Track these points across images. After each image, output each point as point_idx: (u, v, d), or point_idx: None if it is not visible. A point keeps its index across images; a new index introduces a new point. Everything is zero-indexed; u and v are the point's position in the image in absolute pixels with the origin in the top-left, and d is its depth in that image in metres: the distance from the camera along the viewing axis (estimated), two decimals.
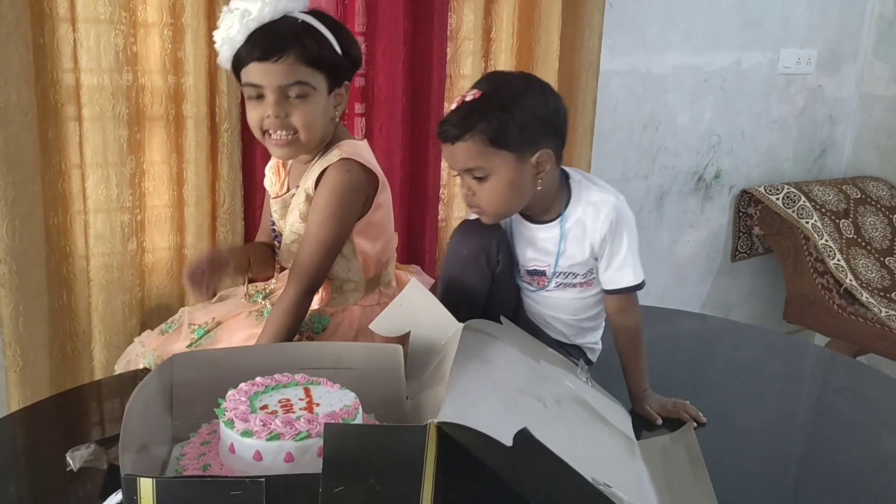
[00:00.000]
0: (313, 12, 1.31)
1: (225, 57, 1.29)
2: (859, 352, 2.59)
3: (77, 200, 1.60)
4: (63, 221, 1.60)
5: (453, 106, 1.21)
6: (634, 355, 1.29)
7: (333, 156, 1.31)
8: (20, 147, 1.47)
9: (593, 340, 1.41)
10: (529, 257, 1.32)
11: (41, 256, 1.56)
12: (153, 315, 1.72)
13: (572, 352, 1.38)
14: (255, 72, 1.25)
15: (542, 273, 1.32)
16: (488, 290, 1.32)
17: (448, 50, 1.96)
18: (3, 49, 1.42)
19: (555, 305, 1.35)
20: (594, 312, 1.36)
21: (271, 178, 1.46)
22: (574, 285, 1.32)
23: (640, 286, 1.29)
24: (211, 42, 1.61)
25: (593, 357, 1.42)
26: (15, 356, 1.54)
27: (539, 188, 1.24)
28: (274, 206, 1.44)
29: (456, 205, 2.07)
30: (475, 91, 1.20)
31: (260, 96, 1.26)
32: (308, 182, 1.33)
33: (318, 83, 1.28)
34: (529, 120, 1.19)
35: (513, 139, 1.19)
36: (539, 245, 1.31)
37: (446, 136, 1.21)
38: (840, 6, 2.88)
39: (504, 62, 2.05)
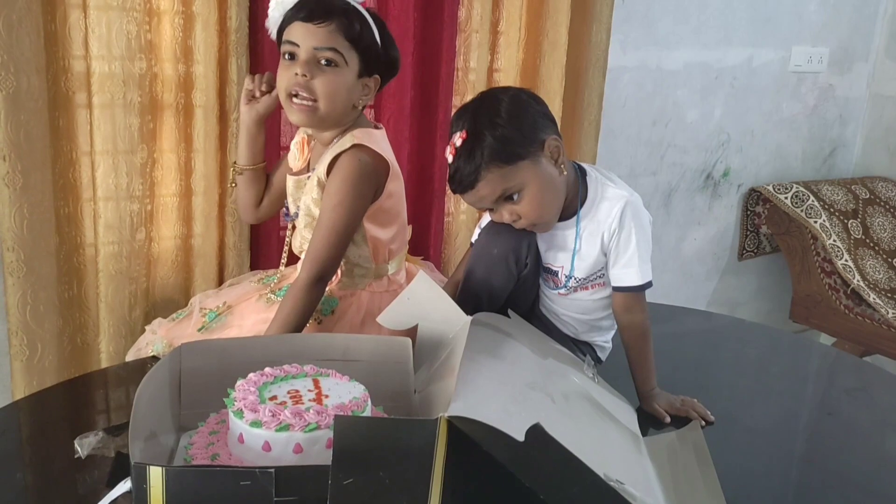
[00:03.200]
0: (366, 8, 1.36)
1: (274, 17, 1.33)
2: (865, 352, 2.58)
3: (87, 189, 1.60)
4: (74, 211, 1.60)
5: (450, 157, 1.21)
6: (641, 353, 1.29)
7: (346, 142, 1.33)
8: (30, 134, 1.47)
9: (604, 339, 1.42)
10: (546, 254, 1.33)
11: (51, 246, 1.55)
12: (158, 306, 1.72)
13: (582, 348, 1.38)
14: (296, 30, 1.29)
15: (555, 273, 1.33)
16: (512, 291, 1.32)
17: (456, 43, 1.95)
18: (14, 35, 1.41)
19: (569, 305, 1.36)
20: (608, 313, 1.36)
21: (295, 153, 1.47)
22: (587, 287, 1.32)
23: (645, 287, 1.28)
24: (222, 31, 1.62)
25: (602, 355, 1.42)
26: (21, 345, 1.54)
27: (565, 173, 1.25)
28: (289, 184, 1.45)
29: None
30: (459, 133, 1.20)
31: (294, 56, 1.30)
32: (321, 168, 1.34)
33: (350, 59, 1.31)
34: (520, 121, 1.20)
35: (519, 146, 1.20)
36: (556, 242, 1.31)
37: (464, 186, 1.22)
38: (853, 5, 2.86)
39: (511, 56, 2.04)
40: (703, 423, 1.23)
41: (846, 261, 2.59)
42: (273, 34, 1.36)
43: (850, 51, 2.93)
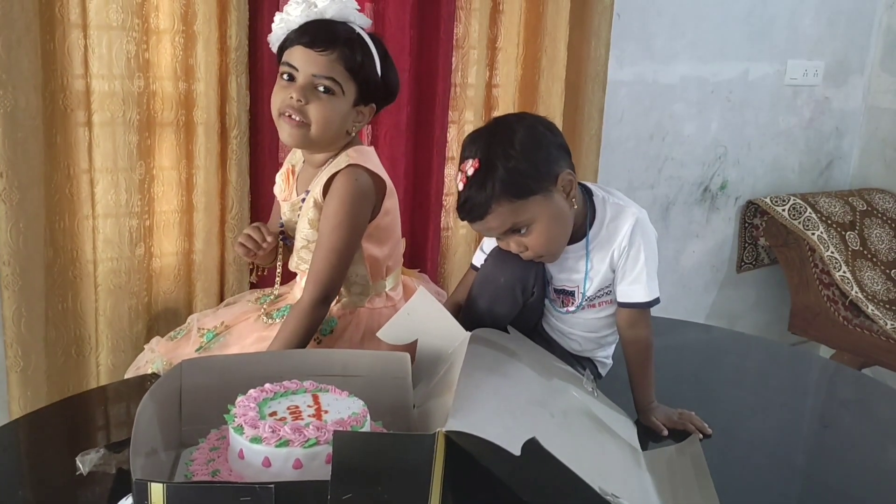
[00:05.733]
0: (370, 34, 1.36)
1: (277, 35, 1.34)
2: (864, 364, 2.58)
3: (85, 205, 1.61)
4: (70, 225, 1.61)
5: (460, 185, 1.19)
6: (642, 368, 1.29)
7: (341, 161, 1.33)
8: (26, 151, 1.48)
9: (605, 355, 1.42)
10: (558, 277, 1.33)
11: (46, 260, 1.57)
12: (159, 319, 1.73)
13: (583, 363, 1.38)
14: (297, 53, 1.29)
15: (571, 294, 1.33)
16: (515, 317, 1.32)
17: (453, 59, 1.97)
18: (12, 54, 1.43)
19: (575, 323, 1.36)
20: (612, 330, 1.37)
21: (280, 184, 1.48)
22: (594, 305, 1.33)
23: (652, 303, 1.29)
24: (222, 49, 1.63)
25: (603, 371, 1.43)
26: (16, 357, 1.55)
27: (576, 207, 1.24)
28: (284, 208, 1.46)
29: None
30: (472, 161, 1.18)
31: (292, 78, 1.30)
32: (317, 189, 1.34)
33: (347, 89, 1.31)
34: (535, 154, 1.18)
35: (533, 181, 1.18)
36: (567, 265, 1.31)
37: (473, 216, 1.20)
38: (848, 18, 2.88)
39: (509, 72, 2.06)
40: (701, 436, 1.23)
41: (844, 272, 2.59)
42: (274, 49, 1.36)
43: (846, 64, 2.95)
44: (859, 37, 2.95)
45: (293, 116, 1.29)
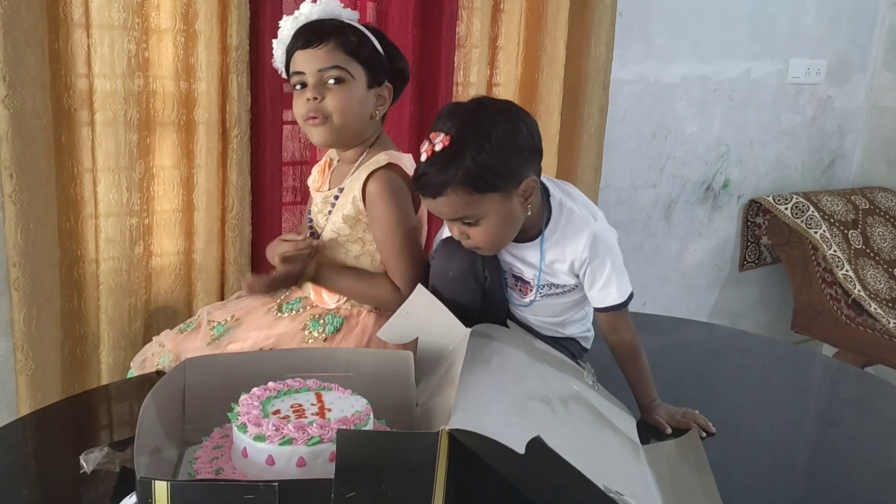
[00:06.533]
0: (364, 24, 1.38)
1: (279, 56, 1.37)
2: (867, 363, 2.58)
3: (88, 204, 1.61)
4: (75, 225, 1.61)
5: (423, 156, 1.15)
6: (635, 369, 1.29)
7: (381, 159, 1.34)
8: (34, 151, 1.48)
9: (583, 329, 1.41)
10: (514, 265, 1.32)
11: (54, 260, 1.57)
12: (158, 316, 1.73)
13: (566, 344, 1.38)
14: (299, 59, 1.33)
15: (527, 283, 1.32)
16: (482, 302, 1.31)
17: (455, 58, 1.97)
18: (20, 54, 1.43)
19: (538, 311, 1.36)
20: (577, 308, 1.36)
21: (315, 175, 1.50)
22: (556, 294, 1.33)
23: (626, 303, 1.27)
24: (223, 48, 1.64)
25: (587, 344, 1.43)
26: (27, 359, 1.55)
27: (530, 213, 1.22)
28: (316, 200, 1.46)
29: None
30: (442, 136, 1.13)
31: (304, 85, 1.33)
32: (356, 186, 1.34)
33: (356, 72, 1.33)
34: (507, 154, 1.14)
35: (496, 179, 1.14)
36: (521, 257, 1.30)
37: (425, 193, 1.17)
38: (850, 17, 2.88)
39: (510, 70, 2.06)
40: (705, 434, 1.23)
41: (847, 271, 2.59)
42: (283, 72, 1.39)
43: (848, 62, 2.94)
44: (862, 35, 2.95)
45: (314, 116, 1.32)
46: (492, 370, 1.08)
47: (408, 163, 1.37)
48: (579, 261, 1.25)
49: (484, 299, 1.31)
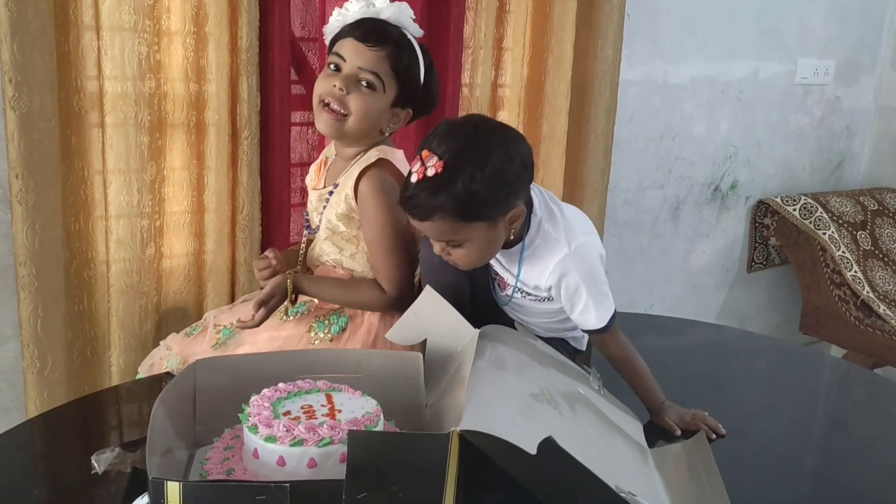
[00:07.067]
0: (420, 44, 1.39)
1: (332, 27, 1.36)
2: (876, 364, 2.57)
3: (99, 206, 1.62)
4: (85, 226, 1.62)
5: (414, 177, 1.13)
6: (633, 376, 1.28)
7: (372, 155, 1.35)
8: (42, 153, 1.49)
9: (576, 333, 1.42)
10: (493, 265, 1.33)
11: (60, 261, 1.58)
12: (168, 318, 1.74)
13: (557, 345, 1.38)
14: (347, 45, 1.32)
15: (505, 280, 1.33)
16: (470, 287, 1.33)
17: (462, 59, 1.97)
18: (27, 57, 1.44)
19: (526, 312, 1.36)
20: (556, 315, 1.35)
21: (312, 173, 1.50)
22: (534, 301, 1.33)
23: (607, 327, 1.25)
24: (233, 50, 1.64)
25: (578, 345, 1.43)
26: (33, 358, 1.56)
27: (513, 237, 1.22)
28: (312, 197, 1.47)
29: None
30: (435, 161, 1.11)
31: (338, 69, 1.33)
32: (348, 183, 1.36)
33: (389, 88, 1.33)
34: (498, 186, 1.13)
35: (484, 210, 1.14)
36: (500, 262, 1.31)
37: (413, 214, 1.16)
38: (858, 17, 2.87)
39: (516, 71, 2.06)
40: (714, 436, 1.23)
41: (855, 272, 2.59)
42: (327, 41, 1.39)
43: (857, 63, 2.94)
44: (870, 35, 2.94)
45: (333, 106, 1.32)
46: (500, 372, 1.08)
47: (400, 159, 1.38)
48: (546, 285, 1.25)
49: (473, 289, 1.33)
